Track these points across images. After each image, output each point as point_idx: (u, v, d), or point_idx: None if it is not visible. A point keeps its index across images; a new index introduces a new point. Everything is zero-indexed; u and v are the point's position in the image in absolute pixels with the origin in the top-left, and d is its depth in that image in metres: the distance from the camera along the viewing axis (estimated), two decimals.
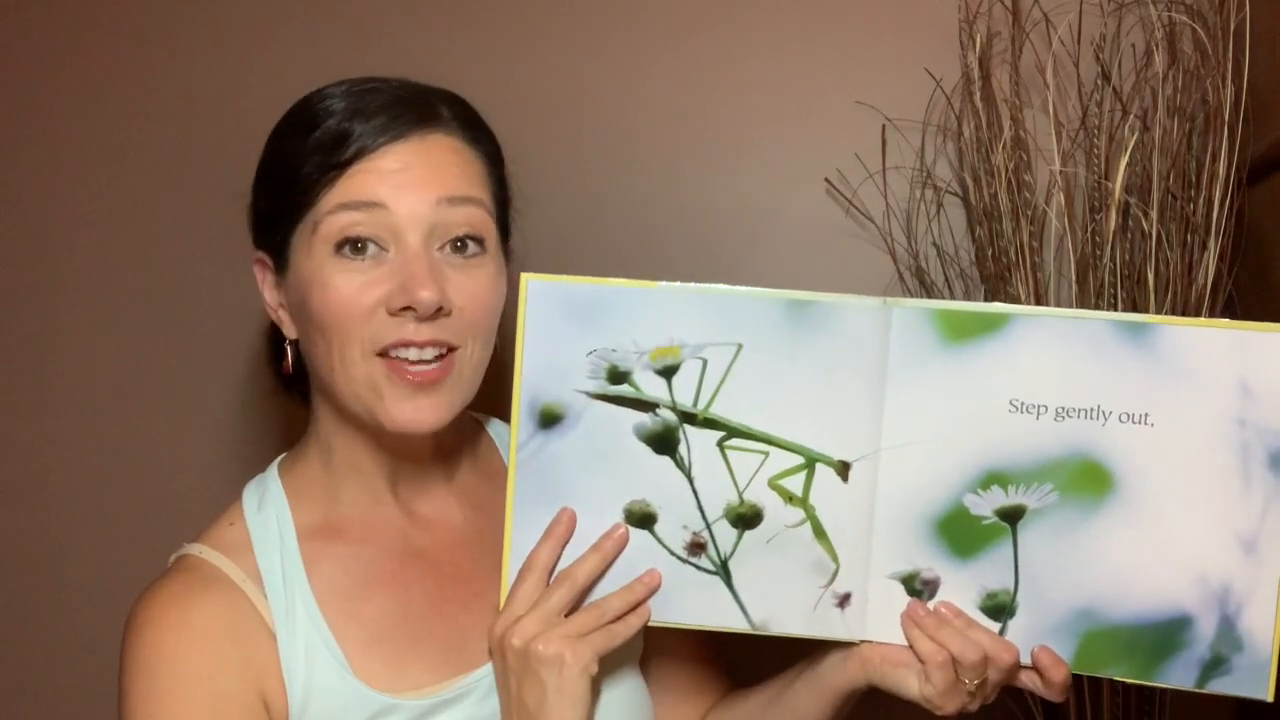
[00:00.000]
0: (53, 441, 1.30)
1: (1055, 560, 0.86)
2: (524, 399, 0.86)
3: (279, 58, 1.26)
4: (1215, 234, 1.07)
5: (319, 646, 0.86)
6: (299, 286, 0.88)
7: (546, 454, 0.87)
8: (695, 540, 0.87)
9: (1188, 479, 0.84)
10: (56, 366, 1.30)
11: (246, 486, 0.94)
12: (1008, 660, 0.85)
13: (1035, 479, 0.85)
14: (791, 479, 0.87)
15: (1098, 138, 1.12)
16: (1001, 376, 0.85)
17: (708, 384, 0.86)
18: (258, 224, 0.92)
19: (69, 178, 1.29)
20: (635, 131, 1.25)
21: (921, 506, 0.86)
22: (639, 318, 0.85)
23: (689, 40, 1.25)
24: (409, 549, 0.93)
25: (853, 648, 0.89)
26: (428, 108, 0.89)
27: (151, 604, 0.85)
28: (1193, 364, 0.84)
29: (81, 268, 1.29)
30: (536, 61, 1.26)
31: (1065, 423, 0.85)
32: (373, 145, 0.86)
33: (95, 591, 1.30)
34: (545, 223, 1.25)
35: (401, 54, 1.25)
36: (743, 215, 1.25)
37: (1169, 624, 0.86)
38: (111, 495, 1.30)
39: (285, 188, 0.88)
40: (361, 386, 0.86)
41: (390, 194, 0.85)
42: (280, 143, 0.90)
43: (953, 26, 1.18)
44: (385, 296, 0.85)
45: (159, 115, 1.28)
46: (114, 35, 1.28)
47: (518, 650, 0.83)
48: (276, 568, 0.88)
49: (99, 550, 1.30)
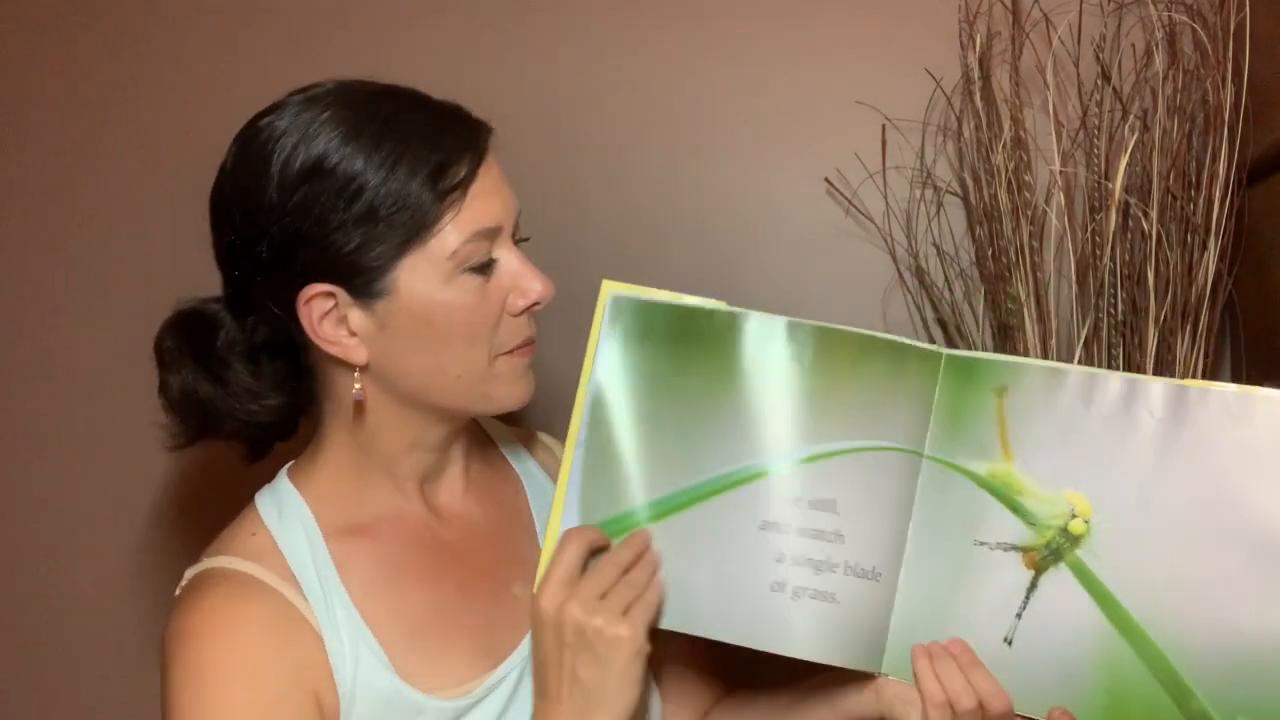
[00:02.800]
0: (53, 441, 1.30)
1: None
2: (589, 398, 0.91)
3: (286, 59, 1.26)
4: (1215, 234, 1.07)
5: (362, 646, 0.86)
6: (417, 310, 0.87)
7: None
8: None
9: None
10: (56, 367, 1.30)
11: (258, 496, 0.93)
12: (999, 708, 0.86)
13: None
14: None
15: (1098, 138, 1.12)
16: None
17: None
18: (323, 259, 0.86)
19: (69, 179, 1.29)
20: (635, 132, 1.25)
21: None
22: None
23: (689, 40, 1.25)
24: (437, 543, 0.94)
25: (872, 680, 0.90)
26: (471, 117, 0.91)
27: (194, 614, 0.84)
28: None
29: (82, 269, 1.29)
30: (536, 62, 1.26)
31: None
32: (476, 165, 0.87)
33: (93, 594, 1.30)
34: (545, 223, 1.25)
35: (402, 54, 1.25)
36: (743, 215, 1.25)
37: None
38: (111, 496, 1.30)
39: (392, 218, 0.85)
40: (484, 384, 0.90)
41: (502, 214, 0.89)
42: (349, 176, 0.85)
43: (953, 26, 1.18)
44: (504, 301, 0.89)
45: (159, 115, 1.28)
46: (115, 36, 1.29)
47: (574, 625, 0.83)
48: (311, 570, 0.87)
49: (99, 552, 1.30)
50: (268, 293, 0.88)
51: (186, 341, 0.91)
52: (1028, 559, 0.87)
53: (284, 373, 0.93)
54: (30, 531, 1.30)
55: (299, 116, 0.86)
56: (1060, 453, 0.87)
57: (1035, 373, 0.88)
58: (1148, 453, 0.85)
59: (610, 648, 0.83)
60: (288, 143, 0.86)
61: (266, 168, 0.86)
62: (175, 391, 0.91)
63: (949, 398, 0.89)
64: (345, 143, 0.85)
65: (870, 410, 0.89)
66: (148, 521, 1.29)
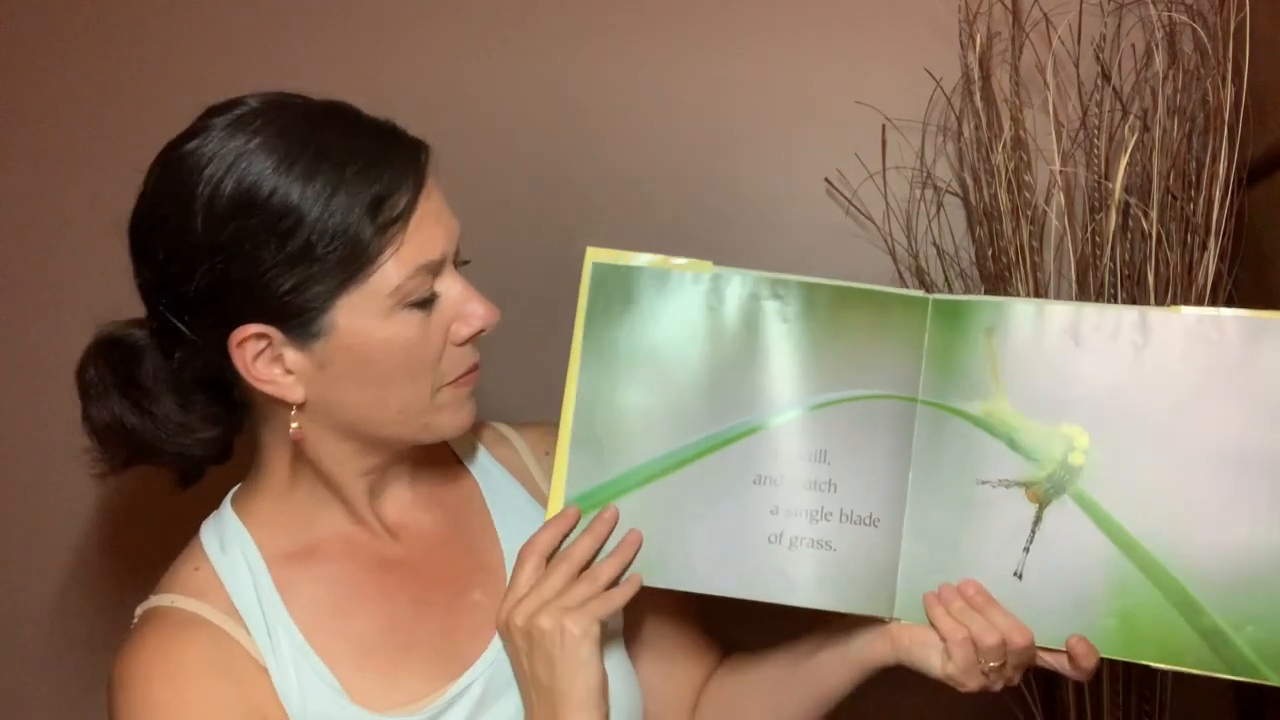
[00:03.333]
0: (53, 443, 1.30)
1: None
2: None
3: (286, 60, 1.26)
4: (1215, 234, 1.07)
5: (309, 674, 0.85)
6: (348, 347, 0.83)
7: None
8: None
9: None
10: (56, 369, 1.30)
11: (202, 527, 0.91)
12: (1020, 642, 0.86)
13: None
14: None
15: (1098, 138, 1.12)
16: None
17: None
18: (253, 299, 0.81)
19: (69, 180, 1.29)
20: (635, 132, 1.25)
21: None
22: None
23: (688, 40, 1.25)
24: (385, 559, 0.92)
25: (884, 626, 0.91)
26: (408, 138, 0.86)
27: (134, 658, 0.82)
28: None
29: (82, 270, 1.29)
30: (535, 62, 1.26)
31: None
32: (415, 195, 0.83)
33: (92, 597, 1.30)
34: (545, 223, 1.26)
35: (402, 56, 1.25)
36: (743, 215, 1.25)
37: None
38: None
39: (327, 255, 0.80)
40: (425, 416, 0.87)
41: (445, 244, 0.85)
42: (281, 212, 0.80)
43: (953, 26, 1.18)
44: (448, 331, 0.86)
45: (163, 118, 1.27)
46: (115, 36, 1.29)
47: (521, 629, 0.86)
48: (254, 603, 0.86)
49: (99, 553, 1.30)
50: (195, 331, 0.83)
51: (110, 371, 0.86)
52: (1030, 493, 0.88)
53: (216, 404, 0.88)
54: (30, 533, 1.31)
55: (226, 143, 0.81)
56: (1053, 388, 0.88)
57: (1021, 311, 0.89)
58: (1137, 380, 0.87)
59: (555, 644, 0.84)
60: (214, 172, 0.80)
61: (192, 200, 0.80)
62: (99, 423, 0.86)
63: (939, 342, 0.90)
64: (277, 173, 0.79)
65: (859, 360, 0.90)
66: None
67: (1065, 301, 0.91)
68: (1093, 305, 0.89)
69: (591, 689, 0.84)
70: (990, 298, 0.91)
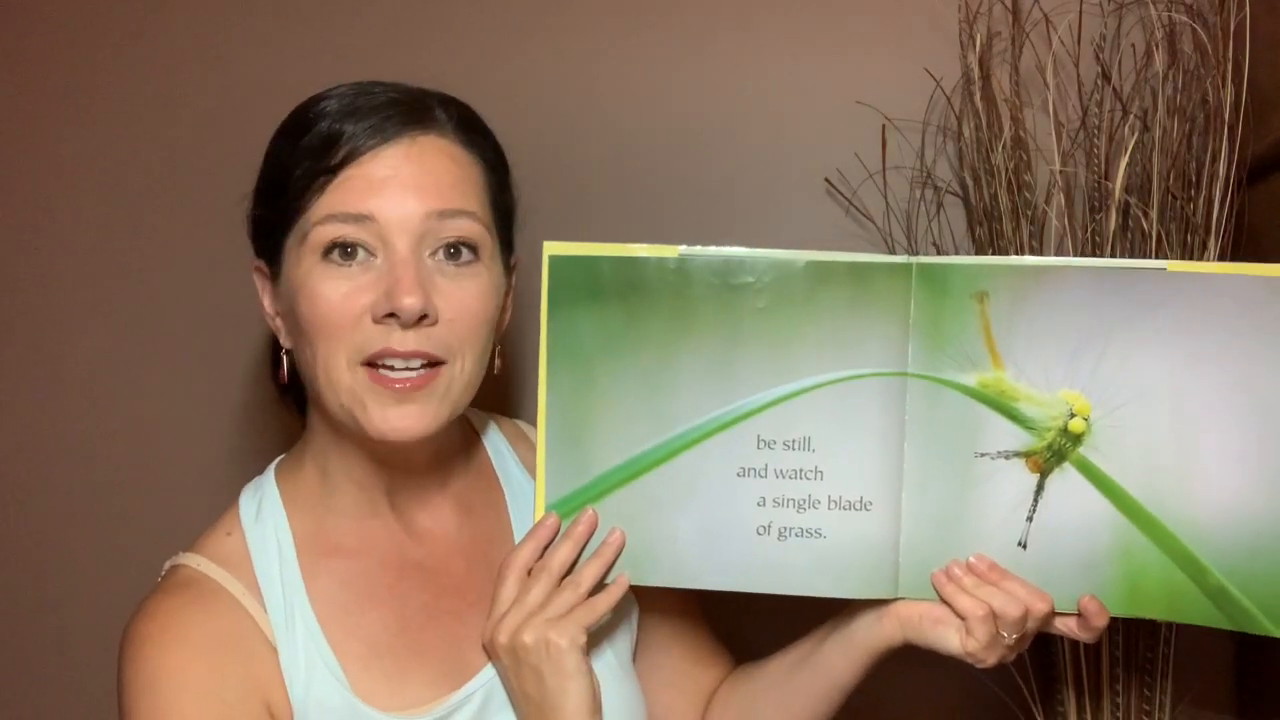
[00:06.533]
0: (54, 445, 1.30)
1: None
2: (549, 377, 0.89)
3: (286, 60, 1.26)
4: (1215, 234, 1.07)
5: (318, 662, 0.86)
6: (289, 294, 0.87)
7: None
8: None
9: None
10: (59, 371, 1.30)
11: (244, 491, 0.93)
12: (1043, 610, 0.86)
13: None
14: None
15: (1098, 138, 1.12)
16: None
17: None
18: (255, 232, 0.91)
19: (70, 182, 1.29)
20: (635, 132, 1.25)
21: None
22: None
23: (688, 40, 1.25)
24: (405, 561, 0.93)
25: (886, 606, 0.89)
26: (421, 109, 0.87)
27: (150, 619, 0.84)
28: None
29: (83, 272, 1.29)
30: (535, 62, 1.26)
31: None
32: (362, 148, 0.84)
33: (92, 595, 1.30)
34: (544, 223, 1.25)
35: (405, 55, 1.25)
36: (743, 215, 1.25)
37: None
38: (113, 498, 1.30)
39: (278, 194, 0.86)
40: (346, 396, 0.84)
41: (379, 205, 0.83)
42: (275, 147, 0.89)
43: (953, 26, 1.18)
44: (371, 304, 0.83)
45: (163, 118, 1.28)
46: (116, 37, 1.28)
47: (506, 647, 0.85)
48: (276, 581, 0.87)
49: (98, 553, 1.30)
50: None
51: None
52: (1031, 463, 0.87)
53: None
54: (30, 534, 1.31)
55: (303, 102, 0.90)
56: (1051, 352, 0.86)
57: (1015, 273, 0.86)
58: (1137, 340, 0.85)
59: (542, 656, 0.84)
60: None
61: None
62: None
63: (926, 310, 0.86)
64: (289, 120, 0.89)
65: (839, 339, 0.86)
66: (149, 524, 1.28)
67: (1059, 258, 0.88)
68: (1088, 261, 0.86)
69: (582, 700, 0.84)
70: (978, 258, 0.86)
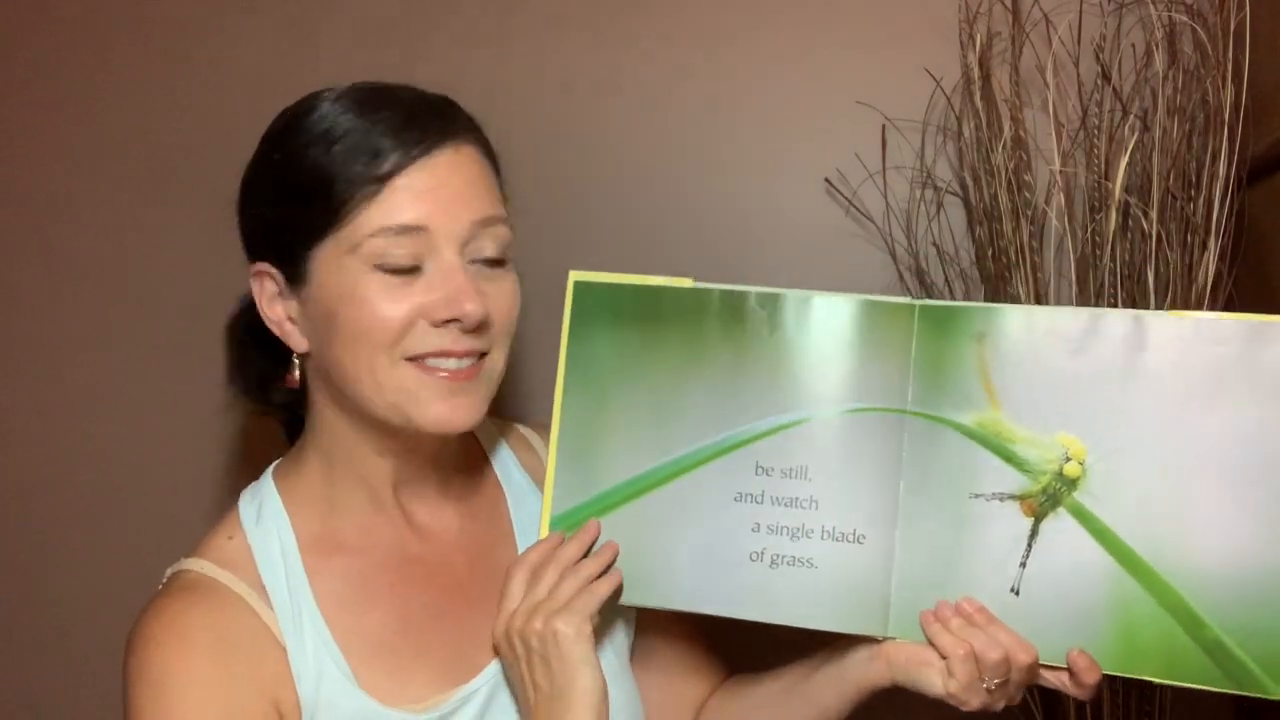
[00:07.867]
0: (55, 447, 1.30)
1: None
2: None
3: (281, 60, 1.26)
4: (1215, 234, 1.07)
5: (325, 658, 0.86)
6: (326, 300, 0.86)
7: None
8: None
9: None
10: (59, 372, 1.30)
11: (242, 496, 0.93)
12: (1025, 659, 0.85)
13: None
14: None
15: (1098, 138, 1.12)
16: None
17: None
18: (261, 234, 0.89)
19: (71, 184, 1.29)
20: (635, 132, 1.25)
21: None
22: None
23: (688, 41, 1.25)
24: (407, 558, 0.93)
25: (878, 646, 0.89)
26: (450, 118, 0.89)
27: (154, 622, 0.84)
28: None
29: (84, 275, 1.29)
30: (536, 62, 1.26)
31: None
32: (407, 160, 0.85)
33: (93, 597, 1.30)
34: (545, 224, 1.25)
35: (401, 54, 1.25)
36: (743, 215, 1.25)
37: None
38: (113, 499, 1.30)
39: (306, 200, 0.85)
40: (393, 393, 0.86)
41: (430, 216, 0.85)
42: (293, 150, 0.87)
43: (953, 26, 1.18)
44: (424, 308, 0.85)
45: (160, 119, 1.28)
46: (116, 37, 1.29)
47: (518, 632, 0.86)
48: (281, 581, 0.87)
49: (99, 554, 1.30)
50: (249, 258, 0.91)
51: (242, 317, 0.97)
52: (1026, 507, 0.86)
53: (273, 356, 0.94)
54: (29, 535, 1.31)
55: (300, 104, 0.89)
56: (1047, 395, 0.86)
57: (1012, 316, 0.88)
58: (1133, 386, 0.85)
59: (550, 645, 0.85)
60: (275, 125, 0.90)
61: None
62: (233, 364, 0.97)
63: (927, 350, 0.88)
64: (305, 123, 0.87)
65: (843, 373, 0.89)
66: (148, 527, 1.29)
67: (1057, 306, 0.89)
68: (1085, 310, 0.87)
69: (590, 688, 0.84)
70: (979, 304, 0.89)
